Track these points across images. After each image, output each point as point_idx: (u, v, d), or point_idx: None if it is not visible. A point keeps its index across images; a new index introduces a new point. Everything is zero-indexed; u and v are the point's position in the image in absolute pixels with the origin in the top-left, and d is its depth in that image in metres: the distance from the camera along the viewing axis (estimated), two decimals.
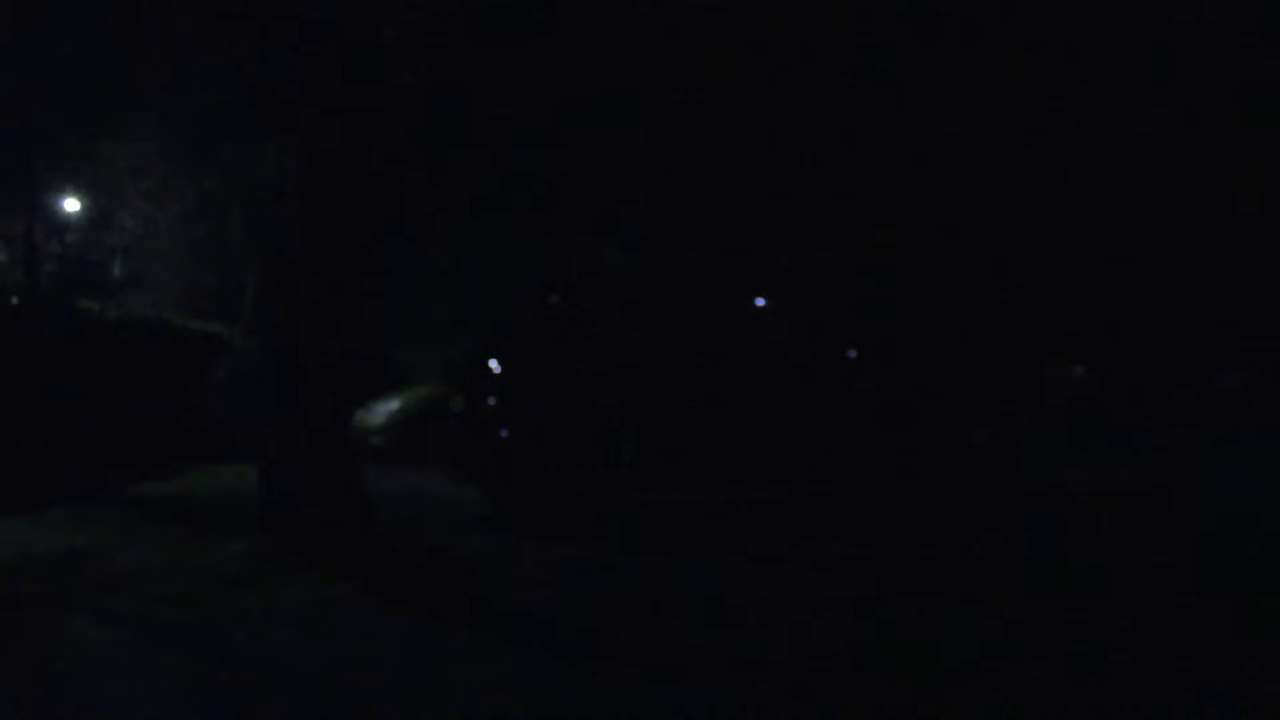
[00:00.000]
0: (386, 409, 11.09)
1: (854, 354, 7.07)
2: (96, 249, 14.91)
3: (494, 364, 6.79)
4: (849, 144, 11.48)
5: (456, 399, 7.37)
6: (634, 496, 5.82)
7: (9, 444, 7.75)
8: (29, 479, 7.75)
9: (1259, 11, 12.17)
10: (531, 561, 5.31)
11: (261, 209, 5.63)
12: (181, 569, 5.14)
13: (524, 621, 4.11)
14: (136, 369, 9.88)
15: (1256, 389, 13.86)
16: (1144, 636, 3.77)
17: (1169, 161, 13.63)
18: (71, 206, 14.38)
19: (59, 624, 4.14)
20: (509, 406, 6.53)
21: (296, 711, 3.09)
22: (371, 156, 6.13)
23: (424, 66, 7.08)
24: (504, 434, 6.43)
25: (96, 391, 9.03)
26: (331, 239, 5.54)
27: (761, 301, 7.00)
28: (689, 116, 9.16)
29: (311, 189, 5.46)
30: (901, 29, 10.66)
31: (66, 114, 10.72)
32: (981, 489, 7.10)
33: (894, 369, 7.12)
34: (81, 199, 13.93)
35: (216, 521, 6.59)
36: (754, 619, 4.08)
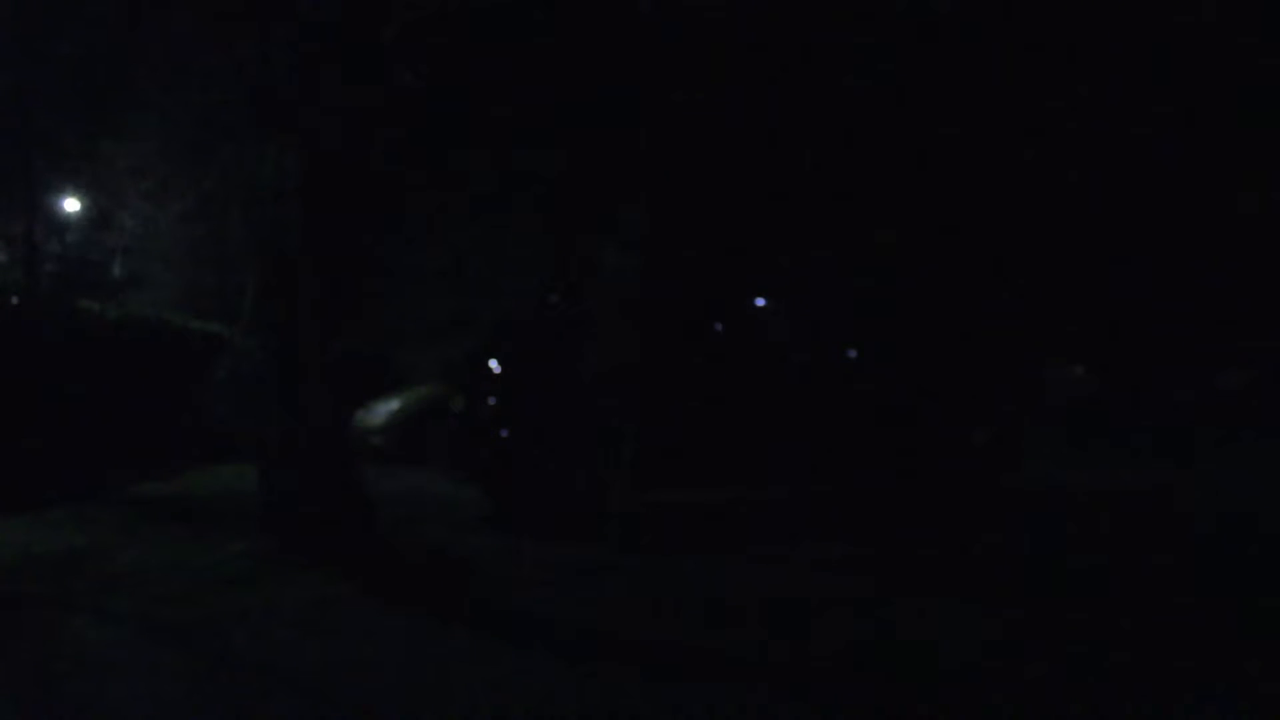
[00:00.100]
0: (386, 409, 11.10)
1: (854, 354, 7.07)
2: (96, 249, 14.91)
3: (494, 364, 6.79)
4: (849, 144, 11.49)
5: (456, 399, 7.37)
6: (634, 496, 5.82)
7: (9, 444, 7.75)
8: (29, 479, 7.75)
9: (1259, 11, 12.17)
10: (531, 561, 5.31)
11: (261, 209, 5.63)
12: (181, 569, 5.14)
13: (524, 621, 4.11)
14: (136, 369, 9.88)
15: (1257, 389, 13.87)
16: (1144, 636, 3.77)
17: (1169, 161, 13.63)
18: (71, 206, 14.38)
19: (59, 624, 4.14)
20: (509, 406, 6.53)
21: (296, 711, 3.09)
22: (371, 156, 6.13)
23: (424, 66, 7.09)
24: (504, 434, 6.43)
25: (96, 391, 9.03)
26: (331, 239, 5.54)
27: (761, 301, 7.00)
28: (689, 116, 9.16)
29: (311, 189, 5.46)
30: (901, 28, 10.67)
31: (66, 114, 10.73)
32: (982, 489, 7.10)
33: (894, 369, 7.12)
34: (81, 199, 13.93)
35: (216, 521, 6.59)
36: (754, 619, 4.08)
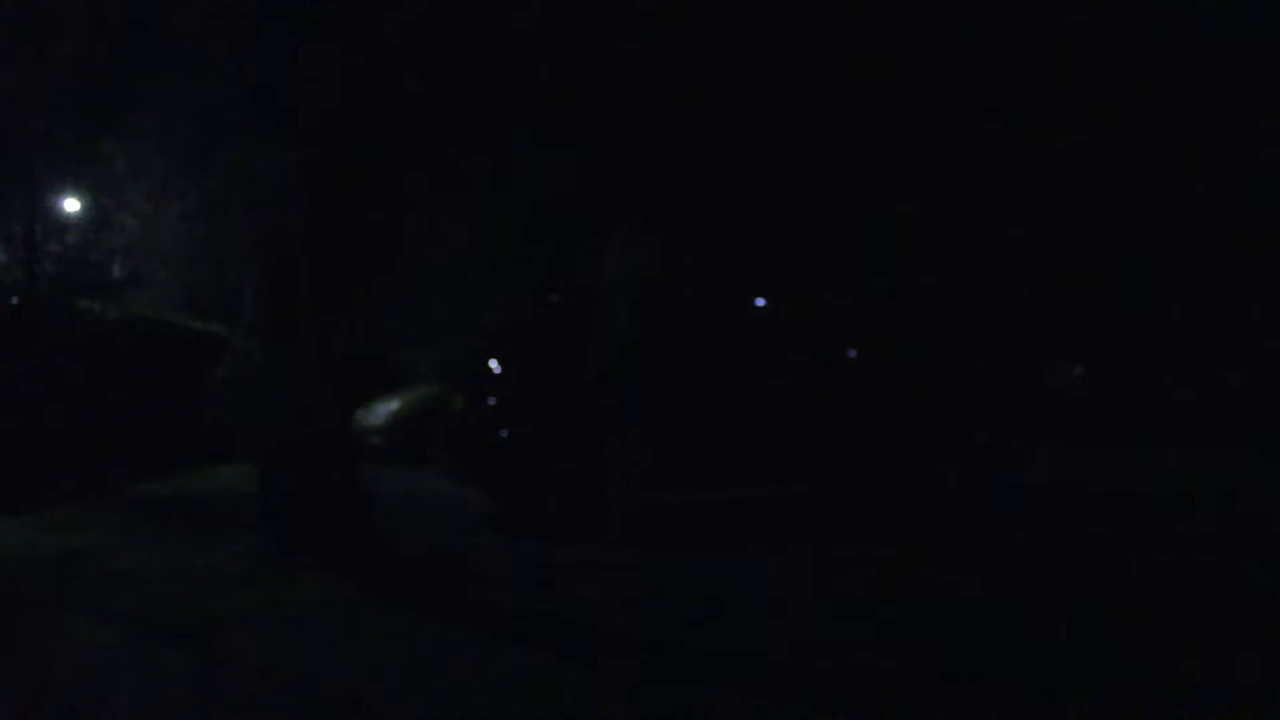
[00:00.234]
0: (386, 409, 11.11)
1: (854, 354, 7.07)
2: (96, 249, 14.94)
3: (494, 364, 6.79)
4: (850, 144, 11.49)
5: (456, 399, 7.37)
6: (634, 496, 5.82)
7: (9, 444, 7.76)
8: (29, 479, 7.76)
9: (1259, 10, 12.17)
10: (531, 561, 5.31)
11: (261, 209, 5.63)
12: (181, 569, 5.14)
13: (524, 621, 4.11)
14: (136, 369, 9.89)
15: (1258, 388, 13.86)
16: (1144, 637, 3.77)
17: (1169, 160, 13.63)
18: (71, 206, 14.40)
19: (59, 624, 4.15)
20: (509, 406, 6.54)
21: (297, 712, 3.09)
22: (372, 156, 6.13)
23: (424, 66, 7.08)
24: (504, 434, 6.43)
25: (96, 392, 9.03)
26: (331, 239, 5.54)
27: (762, 301, 7.00)
28: (689, 117, 9.16)
29: (311, 189, 5.46)
30: (901, 30, 10.67)
31: (66, 114, 10.74)
32: (983, 488, 7.11)
33: (895, 369, 7.12)
34: (81, 199, 13.95)
35: (216, 521, 6.60)
36: (754, 619, 4.08)
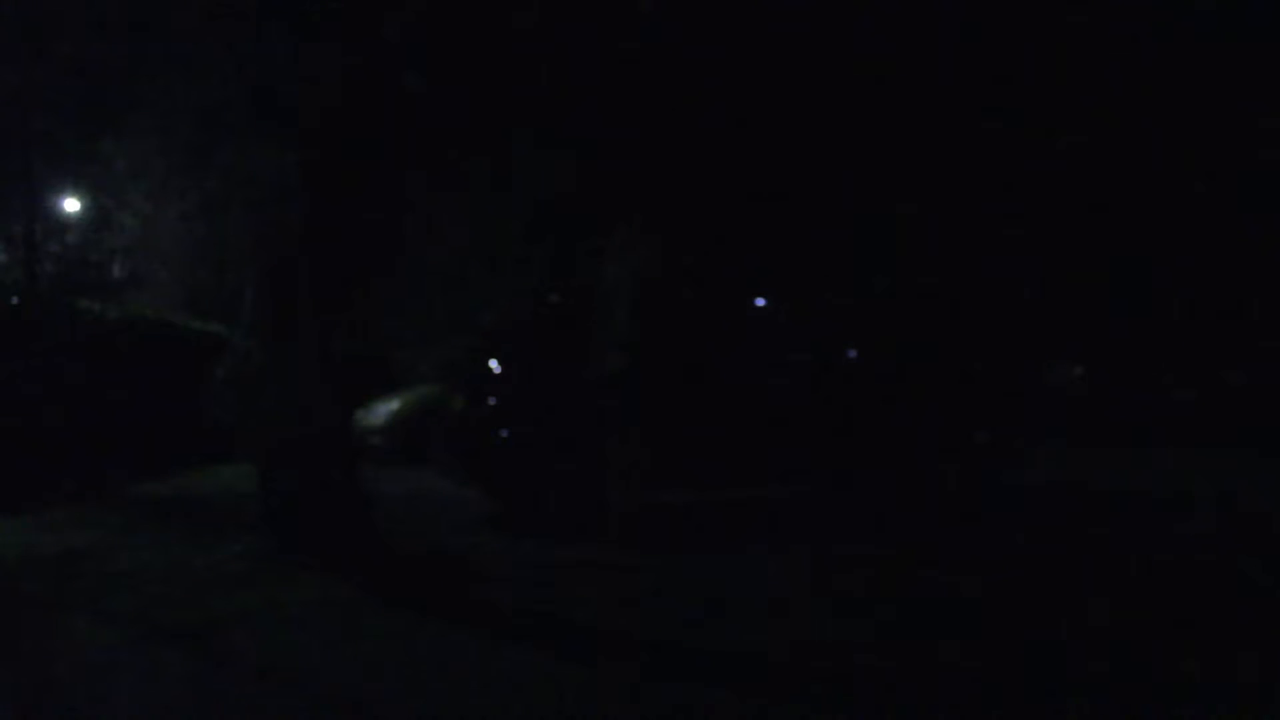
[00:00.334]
0: (386, 409, 11.10)
1: (854, 354, 7.07)
2: (96, 249, 14.94)
3: (494, 364, 6.79)
4: (850, 144, 11.49)
5: (456, 399, 7.37)
6: (634, 496, 5.82)
7: (9, 444, 7.76)
8: (29, 479, 7.76)
9: (1259, 10, 12.17)
10: (531, 561, 5.31)
11: (261, 209, 5.63)
12: (181, 569, 5.14)
13: (524, 621, 4.11)
14: (136, 369, 9.89)
15: (1258, 388, 13.85)
16: (1144, 637, 3.77)
17: (1170, 160, 13.63)
18: (71, 206, 14.39)
19: (59, 624, 4.15)
20: (509, 406, 6.54)
21: (296, 712, 3.09)
22: (372, 156, 6.13)
23: (424, 66, 7.08)
24: (504, 434, 6.43)
25: (96, 392, 9.03)
26: (331, 239, 5.54)
27: (762, 301, 7.00)
28: (689, 117, 9.16)
29: (311, 189, 5.46)
30: (901, 30, 10.67)
31: (66, 114, 10.74)
32: (983, 488, 7.11)
33: (895, 369, 7.12)
34: (81, 199, 13.95)
35: (216, 521, 6.60)
36: (755, 619, 4.08)
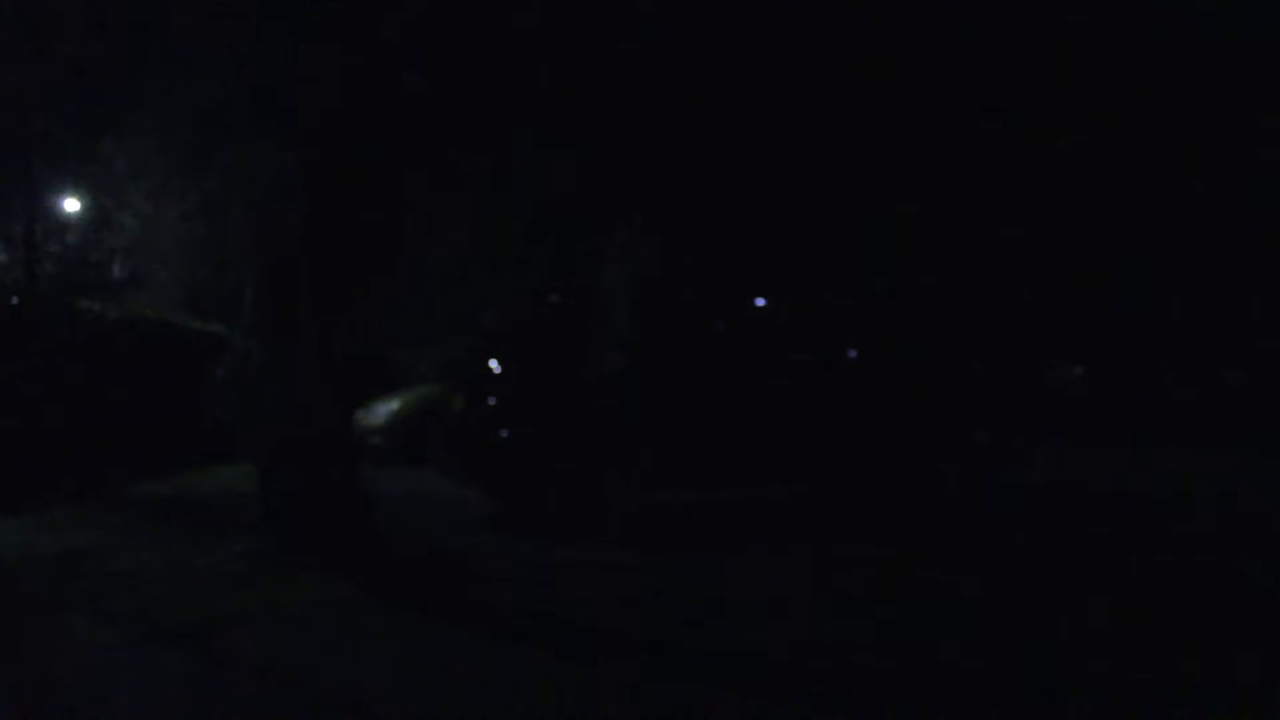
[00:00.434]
0: (386, 409, 11.10)
1: (854, 354, 7.07)
2: (96, 249, 14.94)
3: (494, 364, 6.80)
4: (850, 144, 11.48)
5: (456, 399, 7.37)
6: (634, 496, 5.82)
7: (9, 444, 7.76)
8: (29, 479, 7.76)
9: (1259, 10, 12.17)
10: (531, 561, 5.31)
11: (261, 209, 5.63)
12: (181, 569, 5.14)
13: (524, 621, 4.11)
14: (136, 369, 9.89)
15: (1258, 388, 13.85)
16: (1144, 637, 3.77)
17: (1170, 160, 13.63)
18: (71, 206, 14.39)
19: (59, 624, 4.15)
20: (509, 406, 6.54)
21: (296, 712, 3.09)
22: (372, 156, 6.13)
23: (424, 66, 7.08)
24: (504, 434, 6.43)
25: (96, 391, 9.03)
26: (331, 239, 5.54)
27: (762, 302, 7.00)
28: (689, 117, 9.15)
29: (311, 189, 5.46)
30: (901, 30, 10.66)
31: (66, 114, 10.73)
32: (983, 488, 7.11)
33: (895, 369, 7.12)
34: (81, 199, 13.94)
35: (216, 521, 6.60)
36: (755, 619, 4.08)
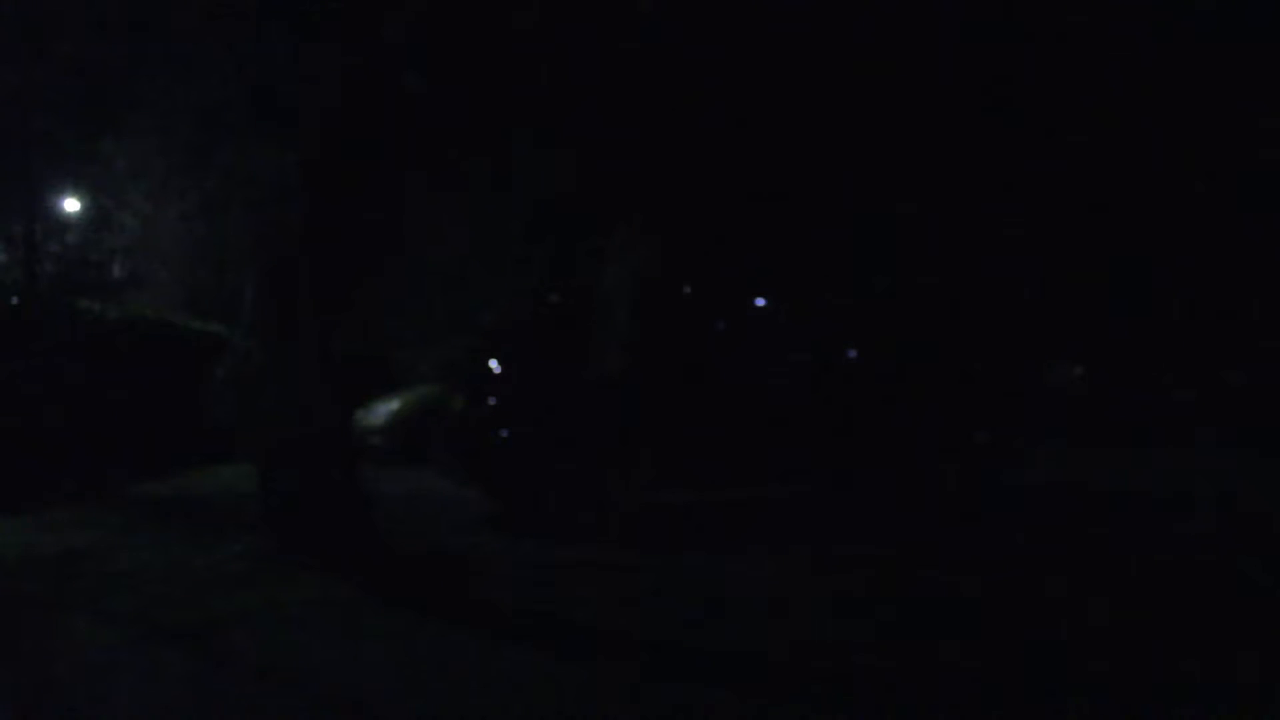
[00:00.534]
0: (386, 409, 11.10)
1: (854, 354, 7.07)
2: (96, 249, 14.93)
3: (494, 364, 6.80)
4: (850, 144, 11.48)
5: (456, 399, 7.37)
6: (634, 496, 5.82)
7: (9, 444, 7.76)
8: (29, 479, 7.76)
9: (1259, 10, 12.16)
10: (531, 561, 5.31)
11: (261, 209, 5.63)
12: (181, 569, 5.14)
13: (524, 621, 4.11)
14: (136, 369, 9.88)
15: (1258, 388, 13.85)
16: (1144, 637, 3.77)
17: (1170, 160, 13.62)
18: (71, 206, 14.39)
19: (59, 624, 4.15)
20: (509, 406, 6.54)
21: (296, 711, 3.09)
22: (372, 156, 6.13)
23: (424, 66, 7.08)
24: (504, 434, 6.43)
25: (96, 392, 9.03)
26: (331, 239, 5.54)
27: (762, 302, 7.00)
28: (688, 117, 9.15)
29: (311, 189, 5.46)
30: (901, 30, 10.66)
31: (66, 114, 10.72)
32: (983, 488, 7.11)
33: (895, 369, 7.12)
34: (81, 199, 13.94)
35: (216, 521, 6.60)
36: (755, 619, 4.08)
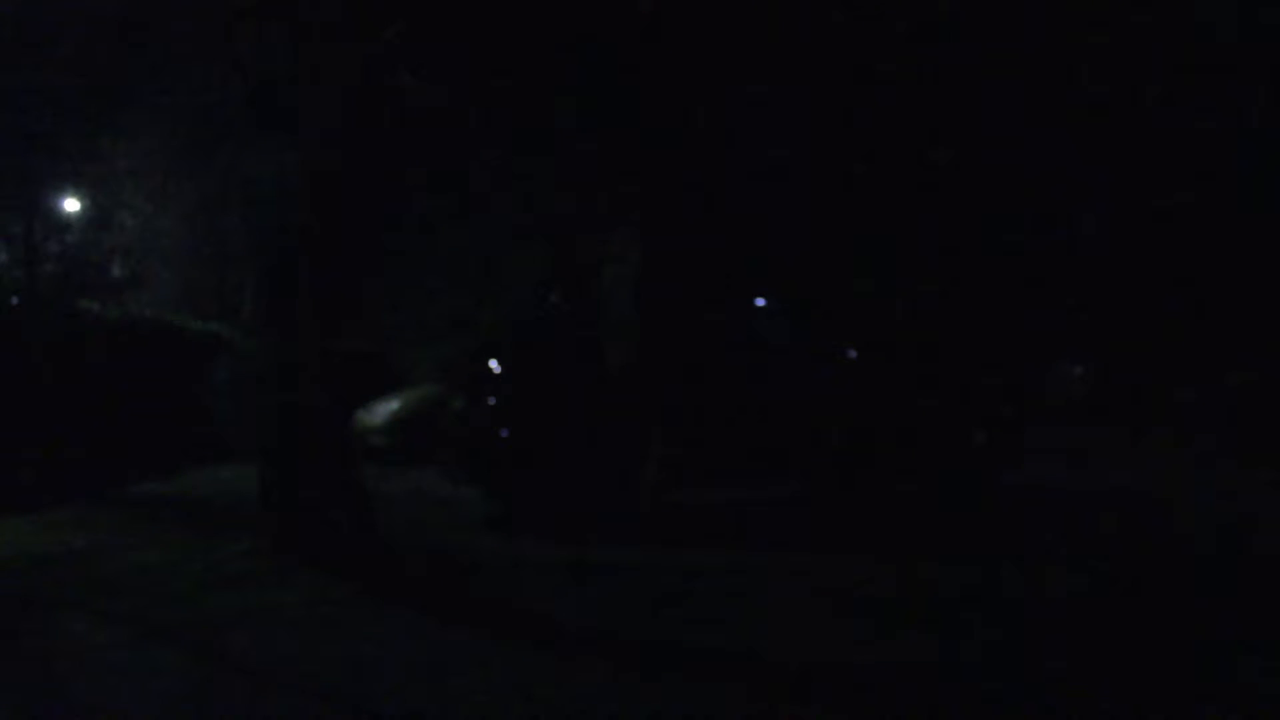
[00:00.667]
0: (386, 409, 11.10)
1: (854, 354, 7.08)
2: (96, 249, 14.90)
3: (494, 364, 6.80)
4: (851, 144, 11.48)
5: (456, 399, 7.37)
6: (634, 497, 5.82)
7: (9, 444, 7.76)
8: (29, 479, 7.76)
9: (1259, 10, 12.17)
10: (531, 561, 5.31)
11: (261, 209, 5.63)
12: (181, 569, 5.14)
13: (524, 621, 4.11)
14: (136, 369, 9.88)
15: (1258, 388, 13.85)
16: (1144, 636, 3.77)
17: (1170, 160, 13.63)
18: (71, 206, 14.37)
19: (59, 624, 4.15)
20: (509, 406, 6.54)
21: (296, 711, 3.09)
22: (372, 157, 6.14)
23: (424, 68, 7.08)
24: (504, 434, 6.43)
25: (96, 392, 9.03)
26: (331, 239, 5.54)
27: (761, 302, 7.01)
28: (688, 117, 9.15)
29: (312, 189, 5.46)
30: (901, 30, 10.66)
31: (66, 114, 10.71)
32: (983, 488, 7.11)
33: (896, 370, 7.12)
34: (81, 199, 13.92)
35: (216, 521, 6.60)
36: (755, 618, 4.08)
